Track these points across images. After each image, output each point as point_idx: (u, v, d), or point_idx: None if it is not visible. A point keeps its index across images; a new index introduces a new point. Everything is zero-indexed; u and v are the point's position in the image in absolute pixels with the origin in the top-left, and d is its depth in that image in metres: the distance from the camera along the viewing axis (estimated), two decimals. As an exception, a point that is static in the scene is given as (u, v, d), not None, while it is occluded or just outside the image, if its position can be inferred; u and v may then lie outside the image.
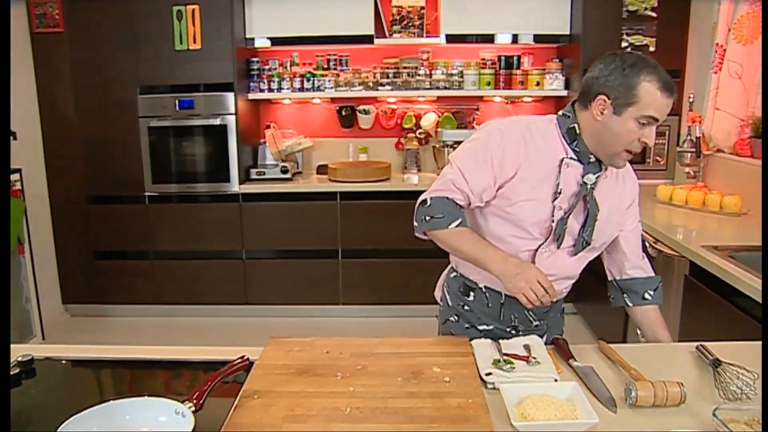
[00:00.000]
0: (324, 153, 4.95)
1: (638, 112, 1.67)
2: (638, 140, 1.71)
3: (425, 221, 1.85)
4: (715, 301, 2.52)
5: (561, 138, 1.80)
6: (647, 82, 1.66)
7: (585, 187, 1.79)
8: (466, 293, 2.00)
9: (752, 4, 3.36)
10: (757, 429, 1.23)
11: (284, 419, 1.30)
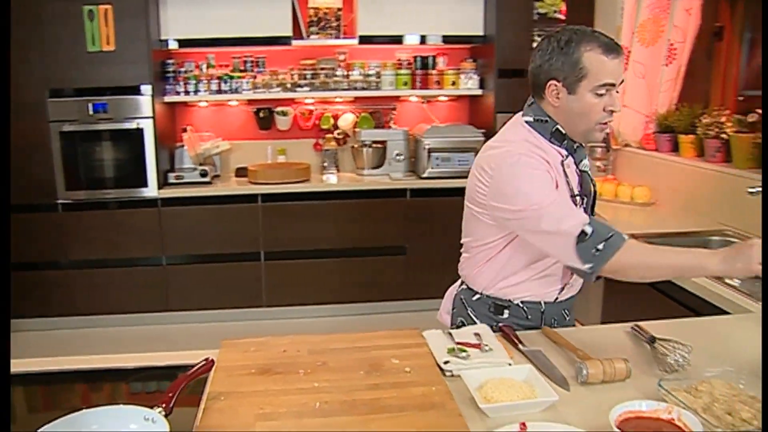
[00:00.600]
0: (242, 155, 4.90)
1: (591, 83, 1.67)
2: (604, 110, 1.70)
3: (599, 251, 1.60)
4: (634, 285, 2.67)
5: (548, 143, 1.78)
6: (588, 51, 1.66)
7: (586, 173, 1.83)
8: (499, 312, 1.91)
9: (652, 10, 3.58)
10: (696, 396, 1.34)
11: (255, 418, 1.32)
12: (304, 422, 1.30)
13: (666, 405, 1.29)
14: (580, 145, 1.82)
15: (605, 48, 1.65)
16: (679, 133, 3.49)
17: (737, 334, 1.84)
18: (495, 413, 1.33)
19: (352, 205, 4.55)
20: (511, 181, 1.71)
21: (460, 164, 4.67)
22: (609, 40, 1.68)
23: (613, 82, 1.68)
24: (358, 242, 4.59)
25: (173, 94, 4.54)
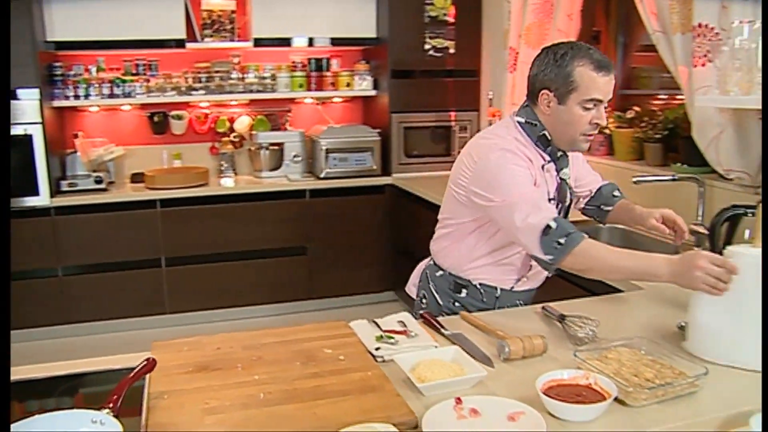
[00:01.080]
0: (137, 161, 4.78)
1: (580, 96, 1.78)
2: (590, 123, 1.82)
3: (560, 245, 1.73)
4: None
5: (534, 146, 1.91)
6: (580, 67, 1.76)
7: (564, 182, 1.96)
8: (457, 290, 2.07)
9: (537, 15, 3.81)
10: (607, 363, 1.49)
11: (203, 412, 1.35)
12: (252, 413, 1.34)
13: (583, 372, 1.43)
14: (564, 155, 1.95)
15: (596, 65, 1.76)
16: (564, 129, 3.73)
17: (633, 309, 2.03)
18: (430, 391, 1.42)
19: (252, 208, 4.56)
20: (493, 172, 1.84)
21: (357, 164, 4.78)
22: (602, 58, 1.78)
23: (601, 98, 1.79)
24: (260, 244, 4.59)
25: (62, 99, 4.37)
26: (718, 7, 2.54)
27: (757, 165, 2.55)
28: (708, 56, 2.58)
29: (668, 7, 2.76)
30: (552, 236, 1.74)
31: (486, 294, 2.06)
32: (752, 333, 1.52)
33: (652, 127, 3.08)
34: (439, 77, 4.78)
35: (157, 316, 4.44)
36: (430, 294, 2.14)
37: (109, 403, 1.31)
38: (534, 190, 1.84)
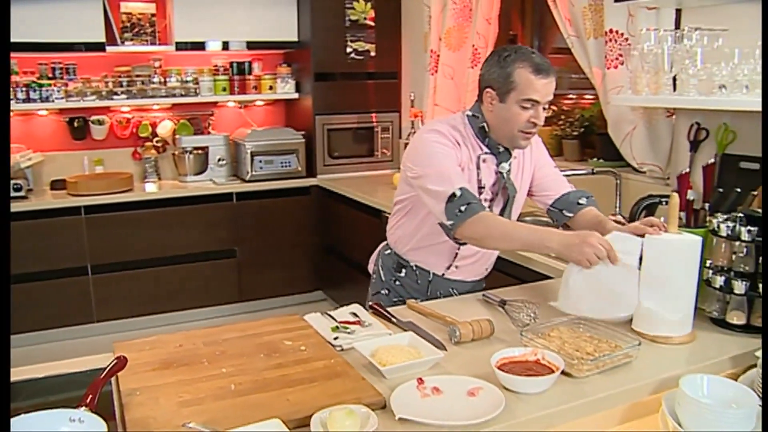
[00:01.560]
0: (56, 167, 4.65)
1: (518, 96, 1.92)
2: (528, 121, 1.96)
3: (461, 212, 1.89)
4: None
5: (474, 136, 2.07)
6: (520, 68, 1.90)
7: (502, 176, 2.08)
8: (398, 270, 2.28)
9: (456, 19, 3.97)
10: (550, 341, 1.63)
11: (179, 405, 1.39)
12: (227, 403, 1.40)
13: (531, 349, 1.57)
14: (506, 151, 2.08)
15: (535, 68, 1.90)
16: (486, 128, 3.91)
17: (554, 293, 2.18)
18: (392, 374, 1.52)
19: (180, 212, 4.53)
20: (419, 147, 2.05)
21: (283, 166, 4.83)
22: (541, 62, 1.91)
23: (538, 99, 1.93)
24: (188, 248, 4.56)
25: (-27, 105, 4.20)
26: (626, 15, 2.75)
27: (666, 158, 2.78)
28: (620, 59, 2.79)
29: (581, 14, 2.96)
30: (455, 203, 1.90)
31: (420, 276, 2.25)
32: (675, 307, 1.70)
33: (569, 125, 3.28)
34: (360, 79, 4.88)
35: (85, 325, 4.35)
36: (378, 270, 2.36)
37: (83, 404, 1.34)
38: (451, 165, 1.99)
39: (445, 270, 2.24)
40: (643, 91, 2.50)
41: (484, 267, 2.32)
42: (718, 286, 1.80)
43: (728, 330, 1.80)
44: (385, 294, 2.32)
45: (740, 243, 1.76)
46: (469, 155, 2.06)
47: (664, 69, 2.44)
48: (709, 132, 2.57)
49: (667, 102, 2.48)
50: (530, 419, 1.38)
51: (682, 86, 2.36)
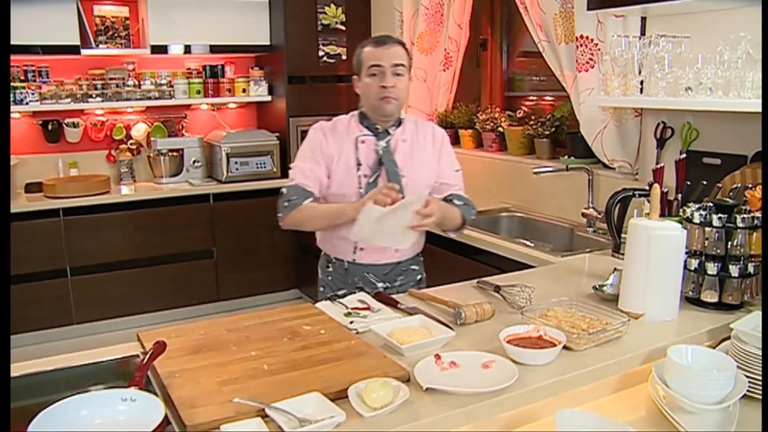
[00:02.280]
0: (29, 170, 4.64)
1: (365, 69, 2.28)
2: (379, 87, 2.25)
3: (285, 207, 2.28)
4: (452, 259, 3.17)
5: (357, 123, 2.38)
6: (363, 48, 2.30)
7: (380, 154, 2.33)
8: (327, 266, 2.51)
9: (428, 24, 4.14)
10: (548, 320, 1.79)
11: (219, 385, 1.50)
12: (264, 381, 1.52)
13: (534, 327, 1.73)
14: (386, 132, 2.36)
15: (374, 42, 2.27)
16: (459, 127, 4.10)
17: (551, 278, 2.36)
18: (410, 351, 1.66)
19: (157, 213, 4.58)
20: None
21: (258, 167, 4.92)
22: (380, 37, 2.29)
23: (379, 64, 2.24)
24: (166, 249, 4.62)
25: (-53, 109, 4.19)
26: (596, 22, 2.95)
27: (635, 155, 2.98)
28: (590, 63, 2.99)
29: (552, 21, 3.15)
30: (283, 198, 2.30)
31: (339, 267, 2.45)
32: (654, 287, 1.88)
33: (541, 124, 3.47)
34: (332, 82, 5.01)
35: (64, 327, 4.37)
36: (321, 268, 2.57)
37: (133, 383, 1.45)
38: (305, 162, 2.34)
39: (353, 254, 2.42)
40: (614, 93, 2.69)
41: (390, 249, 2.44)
42: (693, 268, 1.99)
43: (702, 308, 1.99)
44: (322, 290, 2.54)
45: (712, 229, 1.95)
46: (346, 135, 2.35)
47: (634, 72, 2.63)
48: (674, 130, 2.78)
49: (636, 102, 2.68)
50: (539, 387, 1.54)
51: (650, 88, 2.55)
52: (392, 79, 2.25)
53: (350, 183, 2.33)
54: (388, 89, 2.24)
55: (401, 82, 2.28)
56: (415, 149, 2.39)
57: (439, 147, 2.46)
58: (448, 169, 2.48)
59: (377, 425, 1.35)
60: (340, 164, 2.33)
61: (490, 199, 3.76)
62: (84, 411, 1.36)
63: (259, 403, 1.37)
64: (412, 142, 2.40)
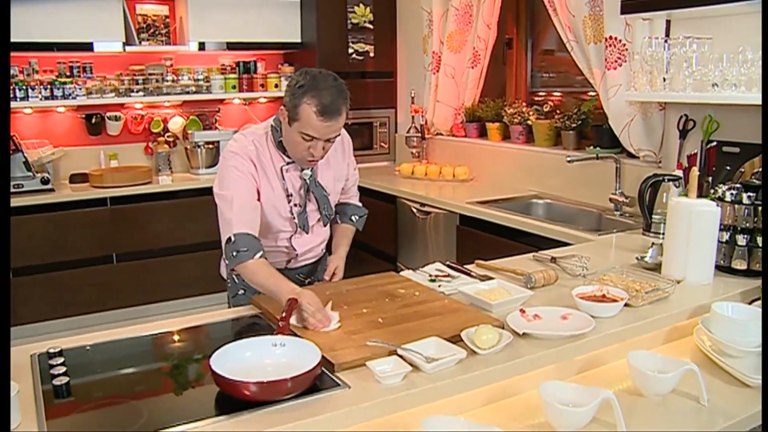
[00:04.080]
0: (72, 162, 4.90)
1: (300, 128, 2.05)
2: (306, 150, 2.10)
3: (234, 257, 2.06)
4: (489, 239, 3.47)
5: (276, 150, 2.23)
6: (307, 105, 2.01)
7: (305, 181, 2.29)
8: None
9: (458, 24, 4.44)
10: (606, 283, 2.10)
11: (347, 334, 1.78)
12: (383, 331, 1.80)
13: (597, 287, 2.04)
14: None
15: (319, 110, 2.01)
16: (486, 121, 4.40)
17: (593, 253, 2.64)
18: (498, 307, 1.96)
19: (196, 203, 4.82)
20: (222, 171, 2.19)
21: (288, 159, 5.18)
22: (328, 103, 2.02)
23: (317, 136, 2.06)
24: (205, 237, 4.85)
25: (2, 102, 4.43)
26: (624, 24, 3.25)
27: (659, 145, 3.30)
28: (618, 62, 3.29)
29: (582, 23, 3.46)
30: (231, 247, 2.08)
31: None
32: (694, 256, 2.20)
33: (567, 118, 3.78)
34: (360, 78, 5.29)
35: (110, 311, 4.62)
36: (230, 275, 2.47)
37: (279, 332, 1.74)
38: (243, 192, 2.13)
39: (287, 264, 2.45)
40: (643, 89, 3.00)
41: (320, 249, 2.54)
42: (725, 240, 2.31)
43: (733, 274, 2.31)
44: (243, 293, 2.45)
45: (741, 206, 2.27)
46: (272, 166, 2.22)
47: (661, 70, 2.94)
48: (695, 122, 3.10)
49: (664, 97, 2.99)
50: (609, 334, 1.85)
51: (676, 84, 2.87)
52: (322, 149, 2.13)
53: (281, 212, 2.29)
54: (316, 156, 2.15)
55: (330, 144, 2.16)
56: (331, 161, 2.37)
57: (348, 153, 2.47)
58: (352, 172, 2.56)
59: (489, 361, 1.65)
60: (272, 193, 2.24)
61: (518, 188, 4.05)
62: (248, 353, 1.64)
63: (391, 345, 1.67)
64: (330, 158, 2.34)
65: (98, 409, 1.54)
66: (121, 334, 1.95)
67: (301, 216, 2.32)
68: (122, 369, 1.77)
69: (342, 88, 2.12)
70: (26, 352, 1.78)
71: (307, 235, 2.41)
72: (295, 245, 2.40)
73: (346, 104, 2.12)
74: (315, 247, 2.49)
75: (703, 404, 1.69)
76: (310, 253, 2.50)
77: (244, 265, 2.06)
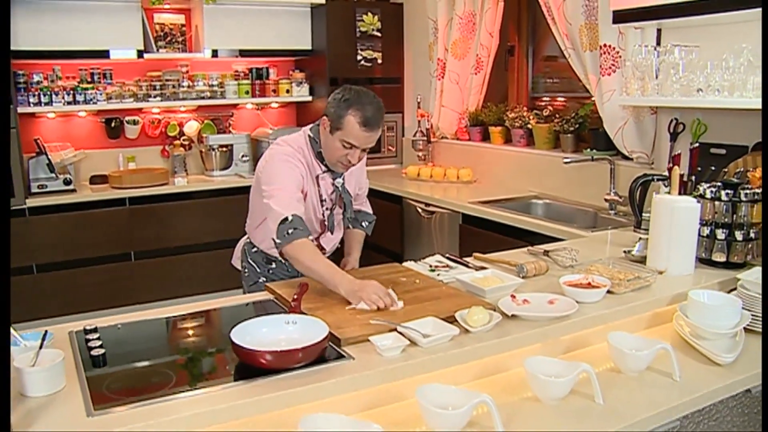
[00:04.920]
0: (93, 164, 5.11)
1: (342, 136, 2.29)
2: (345, 157, 2.34)
3: (288, 235, 2.20)
4: (488, 236, 3.65)
5: (314, 159, 2.46)
6: (351, 116, 2.25)
7: (337, 188, 2.55)
8: (268, 263, 2.69)
9: (461, 32, 4.62)
10: (592, 272, 2.27)
11: (352, 314, 1.97)
12: (384, 312, 1.99)
13: (583, 275, 2.21)
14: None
15: (363, 121, 2.25)
16: (489, 125, 4.58)
17: (585, 247, 2.81)
18: (491, 293, 2.13)
19: (211, 203, 5.05)
20: (271, 164, 2.39)
21: (298, 161, 5.38)
22: (371, 116, 2.26)
23: (357, 145, 2.31)
24: (220, 235, 5.07)
25: (26, 105, 4.66)
26: (617, 33, 3.43)
27: (651, 147, 3.47)
28: (612, 68, 3.47)
29: (578, 31, 3.64)
30: (286, 226, 2.21)
31: (289, 266, 2.58)
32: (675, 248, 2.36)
33: (565, 122, 3.96)
34: (368, 84, 5.49)
35: (128, 307, 4.81)
36: (250, 265, 2.73)
37: (292, 311, 1.93)
38: (293, 187, 2.33)
39: None
40: (635, 94, 3.18)
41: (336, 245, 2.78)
42: (705, 234, 2.48)
43: (713, 266, 2.48)
44: (264, 281, 2.62)
45: (720, 202, 2.44)
46: (309, 174, 2.45)
47: (651, 76, 3.12)
48: (685, 125, 3.27)
49: (654, 102, 3.16)
50: (593, 316, 2.03)
51: (665, 89, 3.04)
52: (358, 157, 2.37)
53: (317, 214, 2.54)
54: (353, 163, 2.38)
55: (364, 154, 2.42)
56: (354, 170, 2.62)
57: (363, 162, 2.65)
58: (364, 179, 2.80)
59: (480, 338, 1.83)
60: (311, 197, 2.48)
61: (519, 189, 4.23)
62: (264, 329, 1.82)
63: (392, 323, 1.85)
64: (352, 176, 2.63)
65: (132, 375, 1.73)
66: (147, 315, 2.13)
67: (330, 218, 2.58)
68: (150, 343, 1.96)
69: (381, 105, 2.36)
70: (64, 330, 1.97)
71: (331, 235, 2.67)
72: (323, 243, 2.65)
73: (383, 120, 2.37)
74: (335, 244, 2.76)
75: (676, 380, 1.86)
76: (330, 250, 2.73)
77: (302, 242, 2.19)
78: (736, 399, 1.97)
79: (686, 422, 1.84)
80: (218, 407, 1.51)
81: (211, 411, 1.50)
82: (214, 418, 1.50)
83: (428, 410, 1.55)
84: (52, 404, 1.51)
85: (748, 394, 1.99)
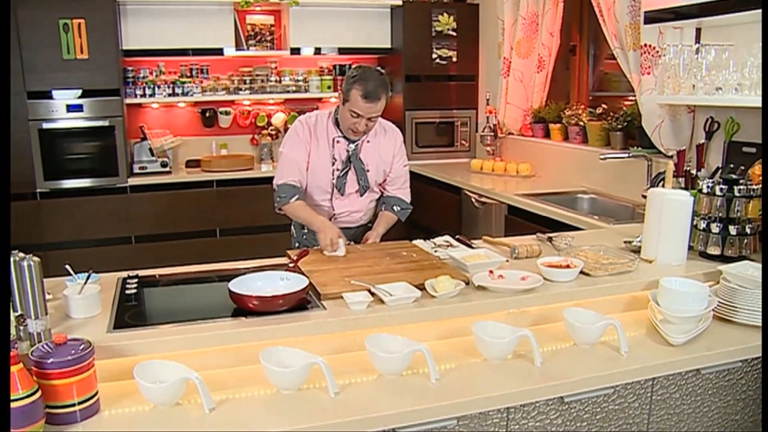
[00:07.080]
0: (188, 149, 5.69)
1: (350, 107, 2.70)
2: (353, 124, 2.73)
3: (278, 200, 2.85)
4: (526, 226, 3.83)
5: (333, 125, 2.88)
6: (355, 90, 2.66)
7: (349, 153, 2.88)
8: (303, 227, 3.07)
9: (525, 32, 4.79)
10: (580, 257, 2.45)
11: (343, 277, 2.27)
12: (372, 277, 2.27)
13: (563, 258, 2.40)
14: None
15: (364, 94, 2.65)
16: (549, 122, 4.73)
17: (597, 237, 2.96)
18: (474, 269, 2.36)
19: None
20: (282, 142, 2.93)
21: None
22: (372, 90, 2.64)
23: (361, 114, 2.69)
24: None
25: (134, 97, 5.28)
26: (657, 32, 3.51)
27: (688, 144, 3.53)
28: (651, 67, 3.56)
29: (624, 31, 3.74)
30: (275, 194, 2.84)
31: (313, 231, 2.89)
32: (665, 239, 2.49)
33: (615, 120, 4.06)
34: (443, 81, 5.74)
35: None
36: (292, 230, 3.19)
37: (289, 269, 2.26)
38: (293, 156, 2.84)
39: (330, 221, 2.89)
40: (669, 92, 3.26)
41: (358, 216, 3.04)
42: (702, 228, 2.58)
43: (708, 259, 2.58)
44: (297, 247, 3.08)
45: (716, 197, 2.54)
46: (326, 135, 2.86)
47: (681, 75, 3.19)
48: (720, 124, 3.32)
49: (686, 100, 3.24)
50: (559, 292, 2.22)
51: (699, 88, 3.11)
52: (365, 125, 2.73)
53: (325, 173, 2.88)
54: (359, 130, 2.77)
55: (372, 123, 2.77)
56: (379, 149, 2.94)
57: (398, 148, 3.01)
58: (399, 166, 3.04)
59: (442, 302, 2.08)
60: (319, 156, 2.86)
61: (571, 183, 4.36)
62: (259, 282, 2.17)
63: (366, 283, 2.14)
64: (377, 143, 2.93)
65: (151, 309, 2.14)
66: (182, 269, 2.53)
67: (340, 180, 2.90)
68: (176, 289, 2.37)
69: (384, 81, 2.73)
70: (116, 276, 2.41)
71: (345, 199, 2.96)
72: (334, 205, 2.96)
73: (386, 93, 2.73)
74: (353, 212, 3.01)
75: (622, 354, 2.03)
76: (347, 217, 3.01)
77: (288, 205, 2.82)
78: (685, 378, 2.11)
79: (625, 392, 2.01)
80: (207, 334, 1.87)
81: (199, 336, 1.87)
82: (200, 342, 1.87)
83: (373, 354, 1.83)
84: (87, 324, 1.96)
85: (699, 374, 2.12)
